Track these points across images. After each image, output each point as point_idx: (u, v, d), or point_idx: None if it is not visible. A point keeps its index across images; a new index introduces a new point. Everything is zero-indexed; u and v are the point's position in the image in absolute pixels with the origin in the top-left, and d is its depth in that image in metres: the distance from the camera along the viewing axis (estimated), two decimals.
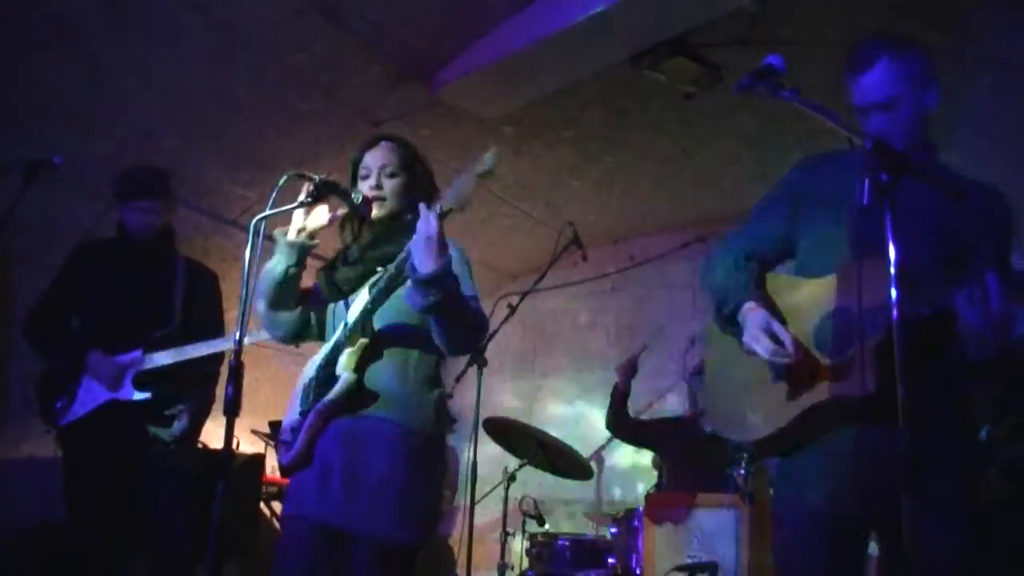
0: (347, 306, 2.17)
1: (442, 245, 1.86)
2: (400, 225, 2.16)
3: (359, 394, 2.04)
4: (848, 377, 1.75)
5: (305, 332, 2.29)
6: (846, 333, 1.79)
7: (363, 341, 2.06)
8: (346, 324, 2.10)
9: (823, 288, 1.88)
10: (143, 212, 3.13)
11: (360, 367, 2.06)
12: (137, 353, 3.04)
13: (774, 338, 1.81)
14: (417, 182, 2.22)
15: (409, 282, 1.92)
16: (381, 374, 2.07)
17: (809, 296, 1.91)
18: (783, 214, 2.04)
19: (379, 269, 2.11)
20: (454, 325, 1.99)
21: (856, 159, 1.86)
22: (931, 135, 1.98)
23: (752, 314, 1.89)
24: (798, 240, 2.03)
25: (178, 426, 3.03)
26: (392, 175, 2.19)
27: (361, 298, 2.11)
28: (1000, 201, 1.92)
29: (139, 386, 3.01)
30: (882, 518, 1.77)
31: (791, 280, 2.01)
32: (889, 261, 1.56)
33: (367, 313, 2.06)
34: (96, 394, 3.01)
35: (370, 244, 2.17)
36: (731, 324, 1.96)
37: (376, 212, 2.17)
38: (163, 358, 3.03)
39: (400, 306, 2.06)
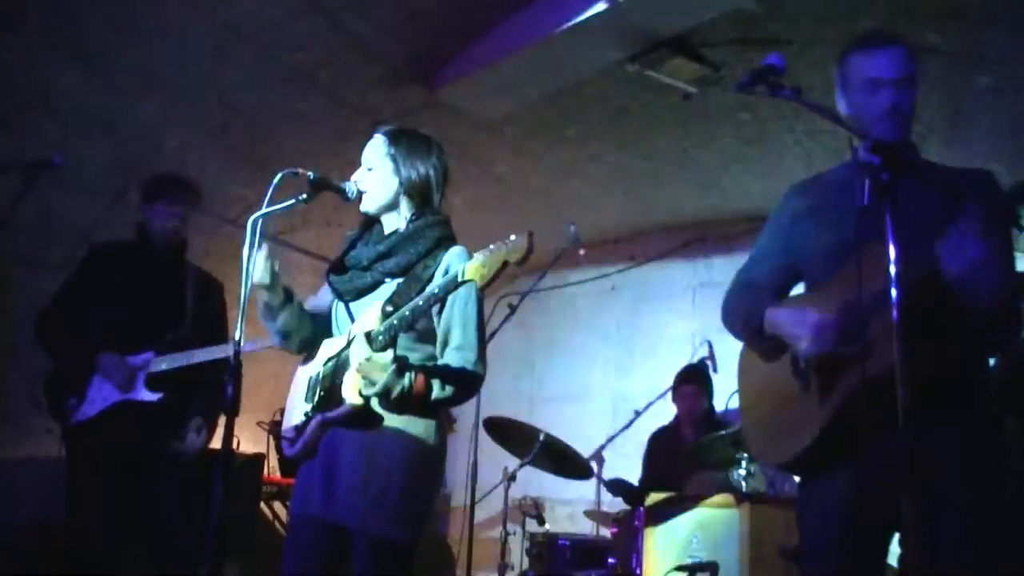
0: (350, 310, 2.18)
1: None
2: (409, 235, 2.17)
3: (364, 414, 2.06)
4: (871, 358, 1.76)
5: (316, 340, 2.27)
6: (860, 320, 1.80)
7: None
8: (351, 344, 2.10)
9: (832, 288, 1.90)
10: (165, 217, 3.19)
11: None
12: (149, 354, 3.05)
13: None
14: (396, 175, 2.21)
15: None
16: None
17: (820, 301, 1.92)
18: (781, 246, 2.10)
19: (387, 280, 2.14)
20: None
21: (849, 169, 1.92)
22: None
23: (775, 313, 1.94)
24: (801, 261, 2.07)
25: (194, 441, 3.06)
26: (370, 169, 2.22)
27: (371, 313, 2.08)
28: (985, 181, 1.92)
29: (151, 388, 3.03)
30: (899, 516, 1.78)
31: (801, 296, 2.06)
32: (889, 252, 1.56)
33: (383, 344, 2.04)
34: (107, 394, 3.02)
35: (379, 256, 2.16)
36: (763, 340, 2.00)
37: (362, 206, 2.21)
38: (174, 360, 3.05)
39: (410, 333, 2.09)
